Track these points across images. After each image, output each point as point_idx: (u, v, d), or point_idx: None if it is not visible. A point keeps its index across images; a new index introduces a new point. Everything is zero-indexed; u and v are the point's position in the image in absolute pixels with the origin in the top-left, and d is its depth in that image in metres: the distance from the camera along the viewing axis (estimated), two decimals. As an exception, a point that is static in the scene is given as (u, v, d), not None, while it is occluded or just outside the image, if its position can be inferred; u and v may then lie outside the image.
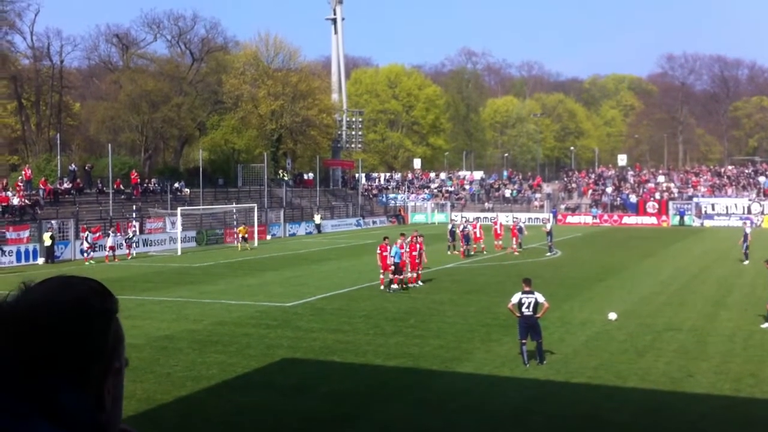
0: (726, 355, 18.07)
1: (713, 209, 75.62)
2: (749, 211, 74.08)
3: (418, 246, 30.86)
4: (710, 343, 19.42)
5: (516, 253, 43.56)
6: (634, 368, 16.88)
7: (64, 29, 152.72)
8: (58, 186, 54.43)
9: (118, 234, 45.87)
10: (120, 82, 76.00)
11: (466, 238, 42.62)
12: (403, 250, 30.08)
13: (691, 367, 16.98)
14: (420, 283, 30.71)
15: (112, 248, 43.48)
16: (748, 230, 40.12)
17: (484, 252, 44.31)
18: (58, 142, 61.24)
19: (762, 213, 73.49)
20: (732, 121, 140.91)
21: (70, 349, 1.58)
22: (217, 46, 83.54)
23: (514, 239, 44.55)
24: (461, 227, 44.02)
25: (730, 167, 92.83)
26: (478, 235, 44.70)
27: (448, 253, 43.43)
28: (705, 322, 22.35)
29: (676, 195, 79.93)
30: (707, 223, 73.15)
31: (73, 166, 59.88)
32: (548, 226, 46.28)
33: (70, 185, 55.62)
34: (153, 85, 73.41)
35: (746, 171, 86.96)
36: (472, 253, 43.36)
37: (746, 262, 37.90)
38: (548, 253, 43.66)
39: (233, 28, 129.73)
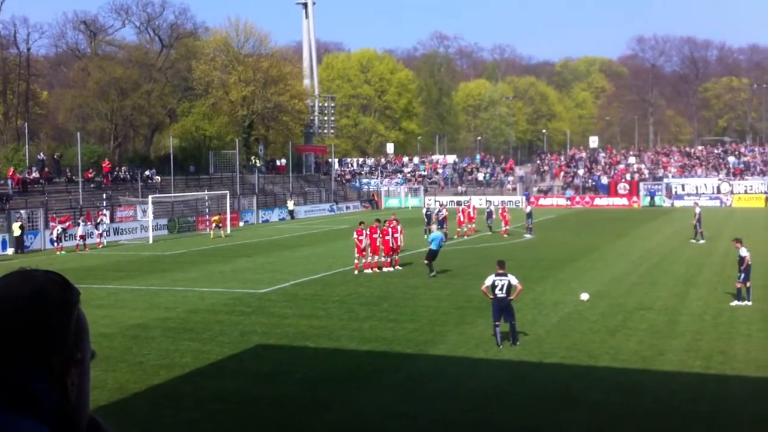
0: (696, 334, 18.30)
1: (683, 189, 76.43)
2: (718, 191, 74.97)
3: (390, 230, 30.84)
4: (680, 322, 19.66)
5: (506, 236, 43.84)
6: (606, 347, 17.05)
7: (30, 16, 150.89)
8: (26, 175, 53.73)
9: (89, 223, 45.39)
10: (88, 70, 75.10)
11: (440, 222, 42.77)
12: (375, 235, 30.14)
13: (662, 345, 17.18)
14: (399, 267, 30.75)
15: (82, 237, 43.02)
16: (698, 210, 40.46)
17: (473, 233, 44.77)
18: (26, 131, 60.46)
19: (731, 193, 74.41)
20: (701, 102, 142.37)
21: (31, 340, 1.59)
22: (187, 32, 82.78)
23: (503, 221, 44.78)
24: (437, 211, 44.43)
25: (699, 148, 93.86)
26: (471, 215, 45.91)
27: (425, 237, 43.55)
28: (675, 301, 22.62)
29: (646, 176, 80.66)
30: (677, 203, 73.91)
31: (42, 155, 59.12)
32: (528, 209, 46.81)
33: (39, 175, 54.92)
34: (122, 73, 72.63)
35: (716, 151, 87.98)
36: (465, 236, 43.80)
37: (702, 242, 38.32)
38: (526, 235, 43.95)
39: (202, 14, 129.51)
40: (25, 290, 1.62)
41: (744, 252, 21.92)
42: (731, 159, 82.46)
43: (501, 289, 17.18)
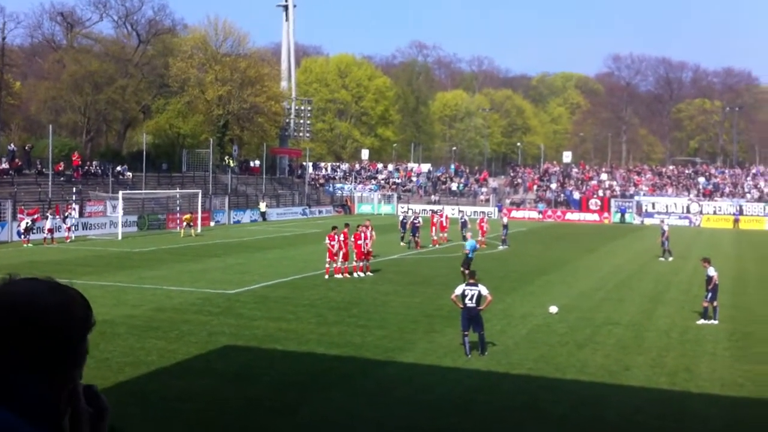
0: (662, 350, 18.46)
1: (653, 208, 77.22)
2: (688, 211, 75.86)
3: (363, 236, 30.81)
4: (647, 338, 19.82)
5: (483, 246, 43.90)
6: (573, 361, 17.14)
7: (6, 5, 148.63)
8: (-5, 166, 52.98)
9: (57, 216, 44.82)
10: (63, 62, 74.21)
11: (414, 229, 43.05)
12: (347, 240, 30.16)
13: (628, 360, 17.30)
14: (369, 273, 30.71)
15: (50, 231, 42.48)
16: (665, 228, 41.01)
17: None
18: (-3, 120, 59.58)
19: (700, 213, 75.31)
20: (674, 122, 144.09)
21: (52, 345, 1.71)
22: (165, 29, 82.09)
23: (480, 231, 44.80)
24: (413, 218, 44.75)
25: (671, 167, 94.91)
26: (444, 225, 46.26)
27: (402, 244, 43.75)
28: (642, 317, 22.80)
29: (618, 193, 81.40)
30: (647, 221, 74.62)
31: (12, 146, 58.32)
32: (505, 220, 47.29)
33: (8, 166, 54.16)
34: (97, 66, 71.88)
35: (687, 171, 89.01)
36: (437, 245, 44.15)
37: (671, 259, 38.78)
38: (500, 246, 44.16)
39: (181, 11, 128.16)
40: (54, 300, 1.73)
41: (712, 272, 22.17)
42: (701, 180, 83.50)
43: (471, 299, 17.21)
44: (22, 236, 41.49)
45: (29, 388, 1.64)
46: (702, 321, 21.81)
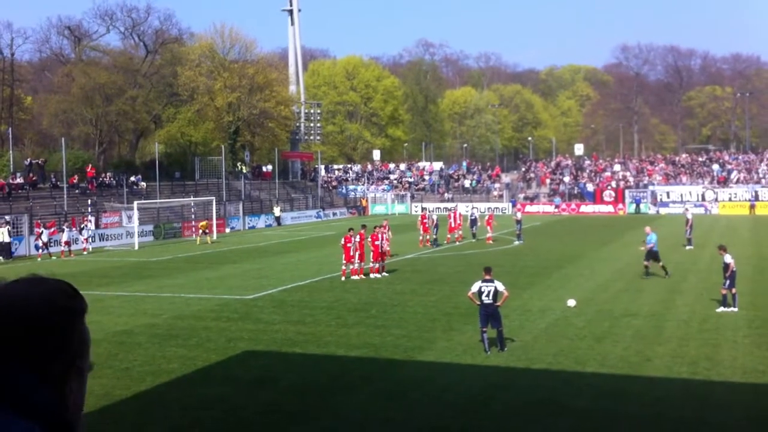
0: (682, 340, 18.38)
1: (668, 197, 76.85)
2: (703, 199, 75.43)
3: (380, 236, 30.81)
4: (666, 329, 19.73)
5: (490, 242, 44.00)
6: (593, 354, 17.09)
7: (14, 21, 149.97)
8: (10, 181, 53.36)
9: (73, 229, 45.11)
10: (72, 75, 74.66)
11: (435, 227, 43.54)
12: (363, 241, 30.21)
13: (648, 351, 17.24)
14: (385, 273, 30.70)
15: (67, 243, 42.77)
16: (689, 216, 40.82)
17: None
18: (10, 136, 60.03)
19: (716, 200, 74.88)
20: (685, 110, 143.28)
21: (34, 343, 1.63)
22: (172, 38, 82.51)
23: (489, 228, 44.86)
24: (434, 216, 45.05)
25: (684, 156, 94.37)
26: (458, 222, 46.06)
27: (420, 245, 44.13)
28: (661, 307, 22.71)
29: (631, 183, 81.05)
30: (662, 210, 74.30)
31: (29, 160, 58.77)
32: (518, 215, 47.04)
33: (23, 180, 54.55)
34: (106, 78, 72.29)
35: (700, 159, 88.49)
36: (456, 242, 44.24)
37: (689, 248, 38.62)
38: (516, 241, 44.09)
39: (188, 20, 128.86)
40: (33, 294, 1.67)
41: (728, 259, 22.06)
42: (715, 167, 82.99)
43: (488, 296, 17.20)
44: (40, 250, 41.78)
45: (39, 399, 1.61)
46: (722, 309, 21.70)
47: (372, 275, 30.19)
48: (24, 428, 1.55)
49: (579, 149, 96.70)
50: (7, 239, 41.73)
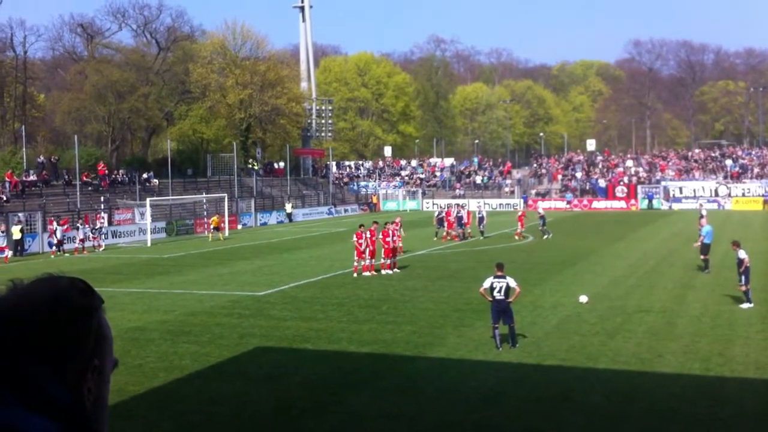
0: (695, 336, 18.31)
1: (681, 192, 76.52)
2: (716, 194, 75.06)
3: (391, 233, 30.84)
4: (679, 324, 19.67)
5: (517, 237, 44.02)
6: (605, 350, 17.05)
7: (27, 19, 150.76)
8: (24, 178, 53.67)
9: (87, 226, 45.36)
10: (85, 73, 75.04)
11: (459, 222, 43.61)
12: (374, 237, 30.21)
13: (661, 347, 17.19)
14: (396, 270, 30.70)
15: (81, 240, 43.01)
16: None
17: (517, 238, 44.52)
18: (23, 134, 60.35)
19: (729, 195, 74.50)
20: (698, 105, 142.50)
21: (47, 342, 1.61)
22: (184, 35, 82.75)
23: (519, 224, 44.79)
24: (455, 212, 44.97)
25: (697, 151, 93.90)
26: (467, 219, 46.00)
27: (434, 239, 44.11)
28: (674, 303, 22.63)
29: (644, 179, 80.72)
30: (675, 206, 73.99)
31: (41, 158, 59.08)
32: (541, 211, 46.98)
33: (36, 177, 54.86)
34: (119, 75, 72.59)
35: (713, 154, 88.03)
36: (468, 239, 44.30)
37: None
38: (544, 236, 44.07)
39: (199, 17, 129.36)
40: (46, 293, 1.65)
41: (742, 254, 21.96)
42: (728, 162, 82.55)
43: (499, 291, 17.19)
44: (54, 247, 42.03)
45: (55, 397, 1.59)
46: (746, 305, 21.49)
47: (383, 271, 30.24)
48: (41, 428, 1.54)
49: (591, 145, 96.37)
50: (19, 236, 41.96)
